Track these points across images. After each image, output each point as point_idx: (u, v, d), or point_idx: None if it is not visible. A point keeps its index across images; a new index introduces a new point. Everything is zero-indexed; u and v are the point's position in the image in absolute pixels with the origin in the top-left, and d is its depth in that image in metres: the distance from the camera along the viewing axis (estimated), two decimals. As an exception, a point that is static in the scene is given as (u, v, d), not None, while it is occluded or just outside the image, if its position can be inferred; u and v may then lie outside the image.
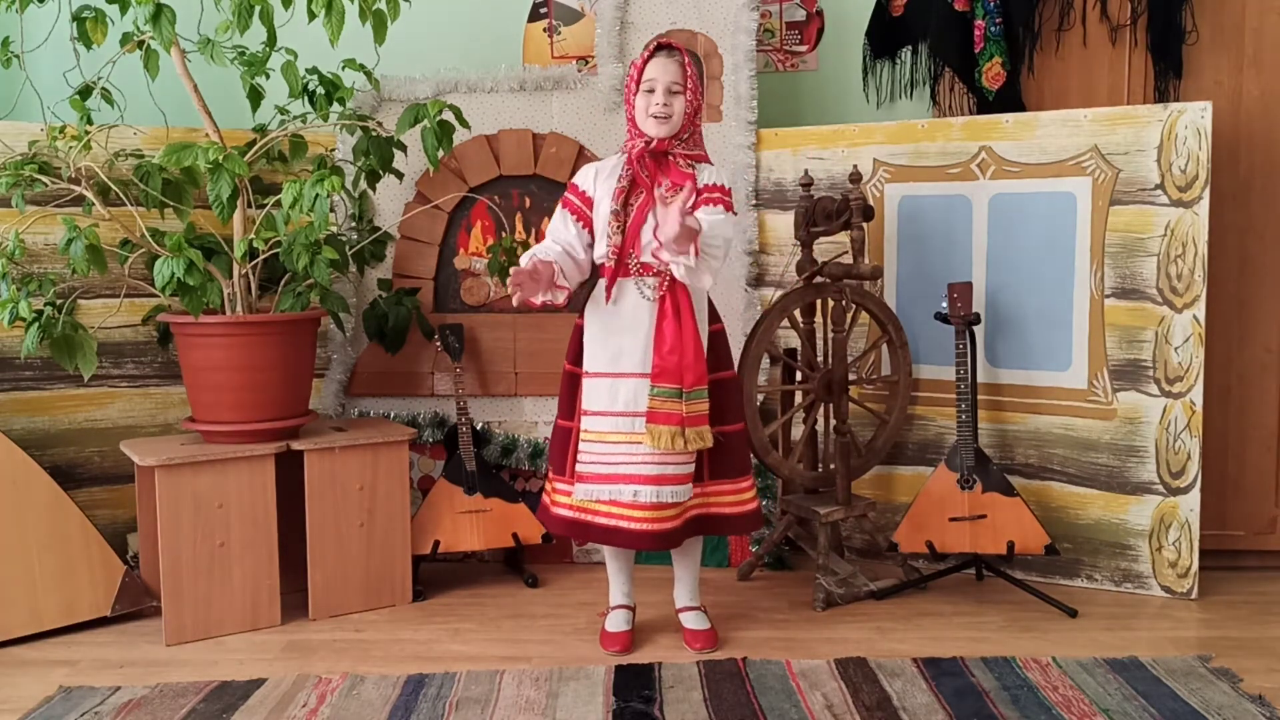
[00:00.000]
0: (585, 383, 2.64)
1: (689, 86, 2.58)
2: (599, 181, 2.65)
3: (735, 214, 2.73)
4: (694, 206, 2.54)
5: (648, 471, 2.56)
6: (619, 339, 2.60)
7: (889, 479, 3.38)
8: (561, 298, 2.60)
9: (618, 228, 2.58)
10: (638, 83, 2.59)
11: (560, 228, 2.67)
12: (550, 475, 2.75)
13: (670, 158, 2.61)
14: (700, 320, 2.62)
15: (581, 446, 2.62)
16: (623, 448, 2.58)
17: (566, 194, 2.70)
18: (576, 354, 2.69)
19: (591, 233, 2.65)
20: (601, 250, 2.61)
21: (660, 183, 2.58)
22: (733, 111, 3.40)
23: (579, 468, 2.62)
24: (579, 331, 2.70)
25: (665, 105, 2.56)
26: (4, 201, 3.00)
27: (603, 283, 2.62)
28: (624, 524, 2.57)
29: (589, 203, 2.65)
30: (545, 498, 2.77)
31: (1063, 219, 3.13)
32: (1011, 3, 3.37)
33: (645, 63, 2.58)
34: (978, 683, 2.49)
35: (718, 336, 2.71)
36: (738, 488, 2.69)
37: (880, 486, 3.39)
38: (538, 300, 2.55)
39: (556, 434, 2.74)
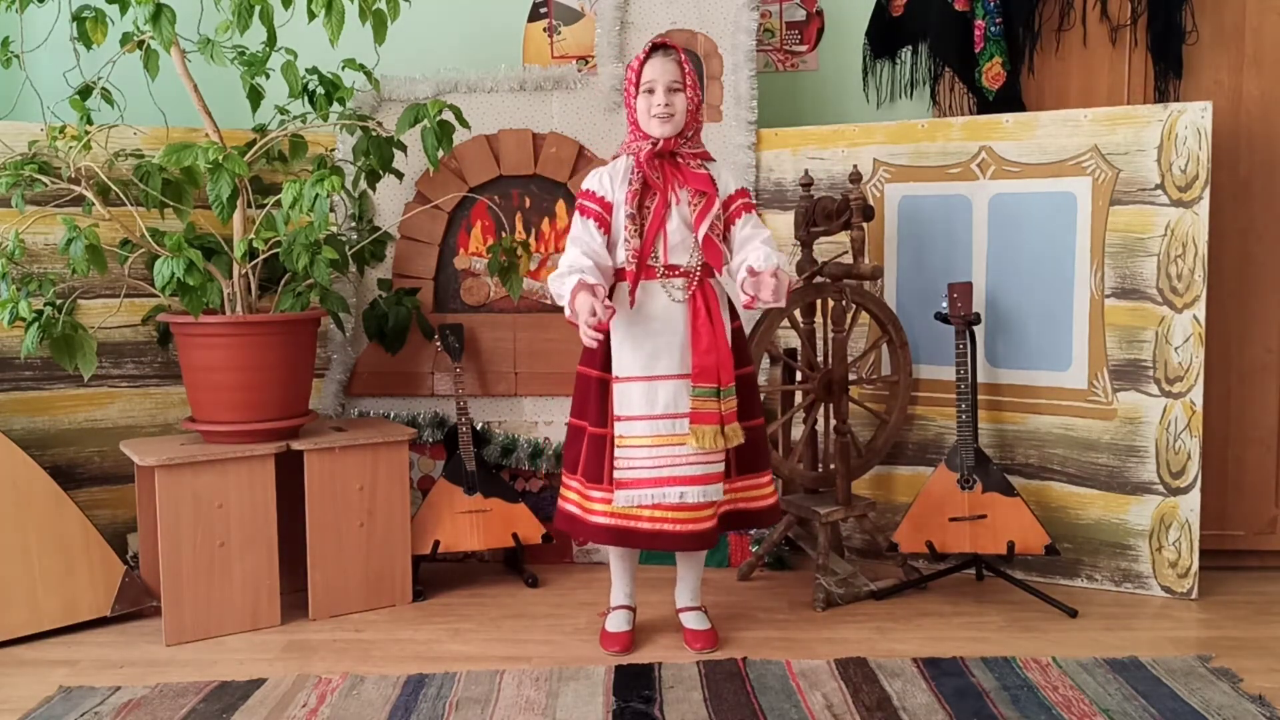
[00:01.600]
0: (617, 388, 2.60)
1: (688, 84, 2.59)
2: (615, 186, 2.62)
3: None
4: (731, 217, 2.64)
5: (693, 472, 2.57)
6: (653, 341, 2.59)
7: (889, 479, 3.38)
8: (607, 317, 2.50)
9: (636, 230, 2.58)
10: (636, 85, 2.59)
11: (585, 236, 2.61)
12: (581, 484, 2.66)
13: (679, 158, 2.61)
14: (725, 318, 2.64)
15: (618, 453, 2.59)
16: (665, 450, 2.57)
17: (583, 201, 2.64)
18: (602, 359, 2.64)
19: (606, 232, 2.62)
20: (621, 255, 2.60)
21: (676, 184, 2.59)
22: (733, 111, 3.39)
23: (618, 474, 2.59)
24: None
25: (667, 105, 2.56)
26: (4, 201, 3.00)
27: (623, 286, 2.61)
28: (668, 527, 2.57)
29: (609, 208, 2.62)
30: (571, 507, 2.70)
31: (1063, 219, 3.13)
32: (1011, 3, 3.37)
33: (642, 64, 2.58)
34: (978, 683, 2.49)
35: (738, 334, 2.71)
36: (760, 482, 2.72)
37: (880, 486, 3.39)
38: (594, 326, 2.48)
39: (589, 442, 2.65)
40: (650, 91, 2.57)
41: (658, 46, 2.60)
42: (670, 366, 2.59)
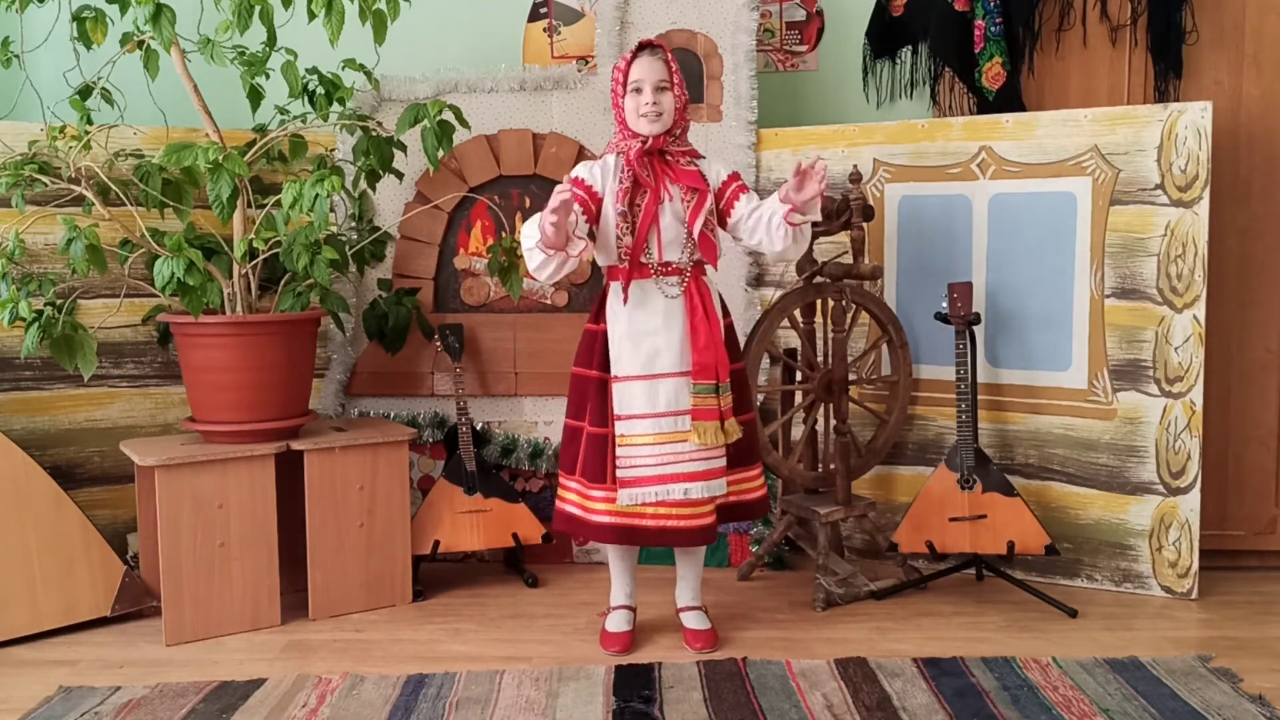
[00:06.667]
0: (617, 388, 2.61)
1: (675, 83, 2.60)
2: (605, 180, 2.62)
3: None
4: (730, 201, 2.65)
5: (696, 468, 2.59)
6: (652, 340, 2.60)
7: (889, 479, 3.38)
8: (577, 250, 2.48)
9: (628, 229, 2.58)
10: (624, 84, 2.60)
11: None
12: (581, 484, 2.67)
13: (667, 155, 2.62)
14: (719, 315, 2.65)
15: (620, 452, 2.60)
16: (667, 448, 2.59)
17: (569, 185, 2.57)
18: (600, 359, 2.65)
19: (591, 223, 2.60)
20: (613, 254, 2.61)
21: (667, 181, 2.60)
22: (733, 111, 3.39)
23: (620, 473, 2.60)
24: (597, 337, 2.66)
25: (655, 104, 2.57)
26: (4, 201, 3.00)
27: (616, 285, 2.62)
28: (671, 523, 2.59)
29: (595, 198, 2.61)
30: (571, 508, 2.70)
31: (1063, 219, 3.13)
32: (1011, 3, 3.37)
33: (630, 64, 2.59)
34: (978, 683, 2.49)
35: (728, 330, 2.72)
36: (751, 475, 2.74)
37: (880, 486, 3.39)
38: (553, 253, 2.46)
39: (588, 441, 2.65)
40: (638, 91, 2.58)
41: (644, 46, 2.61)
42: (670, 364, 2.60)
